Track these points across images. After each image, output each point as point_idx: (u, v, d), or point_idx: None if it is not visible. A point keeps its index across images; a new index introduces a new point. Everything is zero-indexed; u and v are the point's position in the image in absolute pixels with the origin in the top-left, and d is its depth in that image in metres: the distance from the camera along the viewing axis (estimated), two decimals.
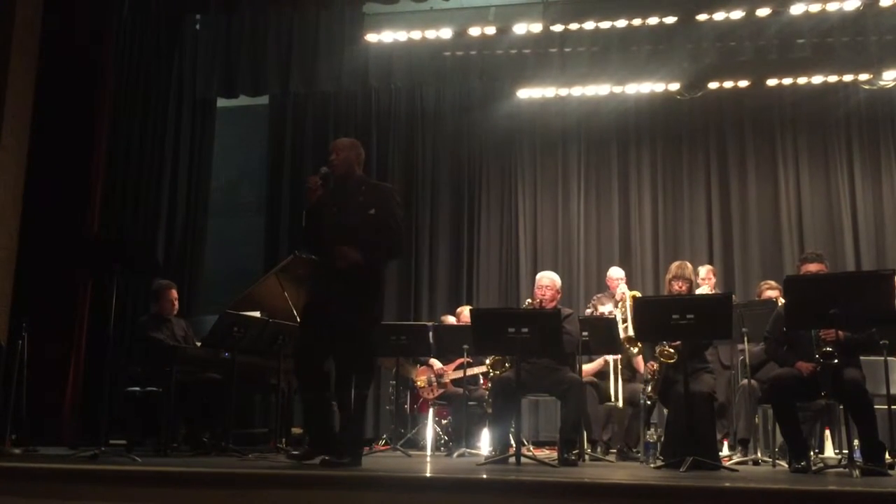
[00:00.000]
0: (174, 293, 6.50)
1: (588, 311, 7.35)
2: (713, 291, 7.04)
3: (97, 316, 7.31)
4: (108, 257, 5.16)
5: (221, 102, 9.31)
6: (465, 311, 7.59)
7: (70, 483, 3.76)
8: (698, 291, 6.91)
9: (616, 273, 7.35)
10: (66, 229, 7.12)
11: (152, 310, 6.51)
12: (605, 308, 6.85)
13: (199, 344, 6.25)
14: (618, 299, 6.85)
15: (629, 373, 6.50)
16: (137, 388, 6.17)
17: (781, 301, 5.36)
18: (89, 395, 7.24)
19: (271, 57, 8.55)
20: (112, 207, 8.20)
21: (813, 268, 5.05)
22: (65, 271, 6.97)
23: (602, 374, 6.48)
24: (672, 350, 5.23)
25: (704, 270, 7.36)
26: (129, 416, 6.28)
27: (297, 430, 7.23)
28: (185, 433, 6.38)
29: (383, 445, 7.29)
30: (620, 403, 6.23)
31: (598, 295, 7.44)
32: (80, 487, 3.70)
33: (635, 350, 6.18)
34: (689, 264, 5.82)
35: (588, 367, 6.45)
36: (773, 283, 6.79)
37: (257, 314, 6.26)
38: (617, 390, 6.24)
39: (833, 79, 8.79)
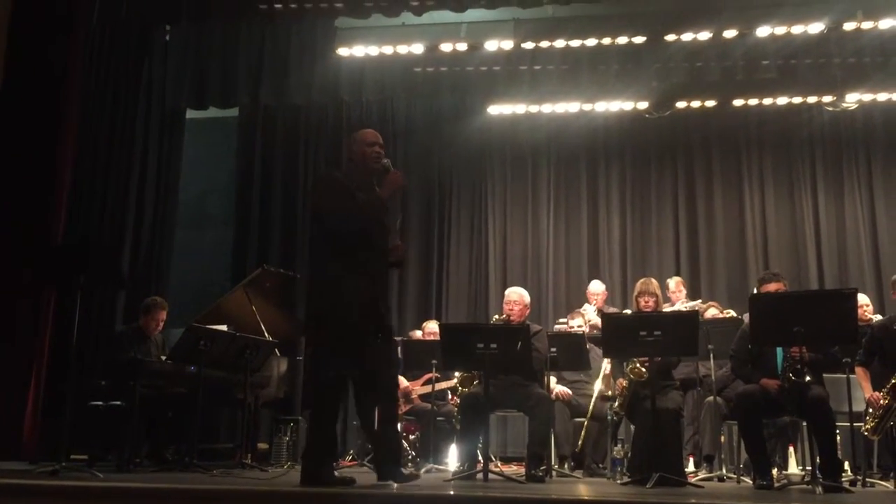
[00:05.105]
0: (163, 315, 6.48)
1: (559, 324, 7.38)
2: (686, 302, 7.12)
3: (60, 327, 7.20)
4: (72, 268, 5.08)
5: (190, 113, 9.21)
6: (429, 325, 7.58)
7: (30, 499, 3.70)
8: (675, 305, 7.01)
9: (596, 287, 7.42)
10: (30, 238, 7.01)
11: (137, 323, 6.47)
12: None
13: (164, 358, 6.18)
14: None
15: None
16: (100, 403, 6.07)
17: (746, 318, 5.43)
18: (51, 409, 7.11)
19: (242, 68, 8.49)
20: (78, 217, 8.09)
21: (772, 287, 5.13)
22: (27, 281, 6.86)
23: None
24: (644, 369, 5.25)
25: (674, 283, 7.45)
26: (91, 431, 6.17)
27: (263, 446, 7.15)
28: (148, 449, 6.29)
29: (350, 461, 7.24)
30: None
31: (577, 311, 7.44)
32: (40, 503, 3.64)
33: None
34: (653, 280, 5.90)
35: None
36: (712, 303, 7.15)
37: (224, 328, 6.21)
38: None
39: (798, 100, 8.94)
